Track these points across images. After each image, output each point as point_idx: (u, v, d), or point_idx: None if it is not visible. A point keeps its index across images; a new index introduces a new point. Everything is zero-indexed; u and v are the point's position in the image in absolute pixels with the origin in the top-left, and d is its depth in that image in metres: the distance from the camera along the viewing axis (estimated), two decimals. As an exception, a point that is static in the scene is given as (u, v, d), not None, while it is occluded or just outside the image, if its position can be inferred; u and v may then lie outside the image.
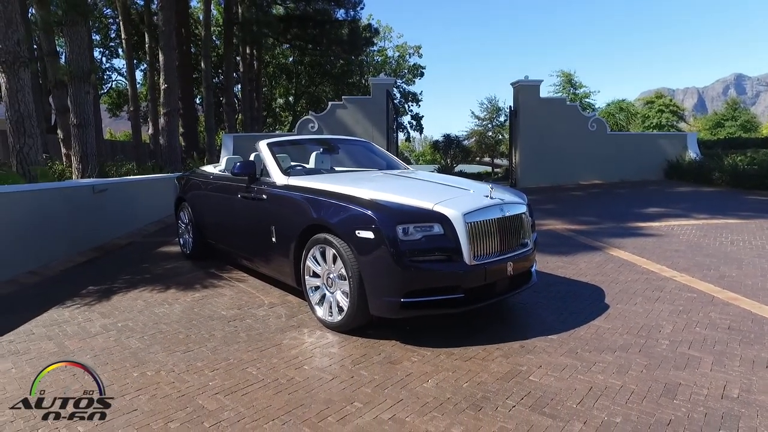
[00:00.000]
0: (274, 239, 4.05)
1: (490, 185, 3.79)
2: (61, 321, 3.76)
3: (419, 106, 38.43)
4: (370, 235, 3.16)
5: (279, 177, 4.26)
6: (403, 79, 37.78)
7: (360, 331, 3.41)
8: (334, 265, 3.43)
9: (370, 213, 3.22)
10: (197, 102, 24.79)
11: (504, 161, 29.05)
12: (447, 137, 23.88)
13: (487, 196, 3.53)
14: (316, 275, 3.63)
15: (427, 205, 3.31)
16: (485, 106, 33.40)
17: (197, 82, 23.13)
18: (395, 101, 26.33)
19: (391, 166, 5.20)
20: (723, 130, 41.30)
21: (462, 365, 2.91)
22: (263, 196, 4.23)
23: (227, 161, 5.43)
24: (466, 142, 29.33)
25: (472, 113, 34.97)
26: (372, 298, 3.21)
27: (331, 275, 3.48)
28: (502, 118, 32.57)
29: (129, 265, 5.68)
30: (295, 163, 5.11)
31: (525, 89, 15.61)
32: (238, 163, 4.41)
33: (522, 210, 3.70)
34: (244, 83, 25.48)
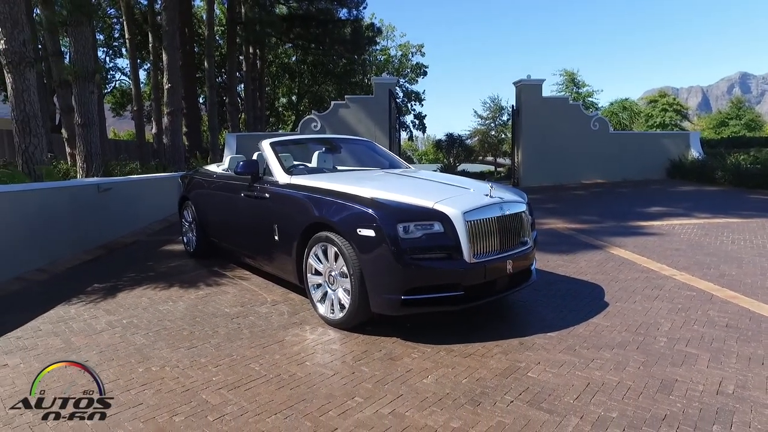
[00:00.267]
0: (276, 237, 4.10)
1: (490, 184, 3.84)
2: (67, 318, 3.83)
3: (422, 105, 38.43)
4: (371, 233, 3.21)
5: (282, 176, 4.30)
6: (406, 78, 37.76)
7: (361, 328, 3.46)
8: (336, 263, 3.48)
9: (372, 211, 3.27)
10: (200, 101, 24.87)
11: (507, 160, 29.03)
12: (450, 136, 23.93)
13: (487, 195, 3.57)
14: (318, 273, 3.68)
15: (428, 203, 3.36)
16: (488, 105, 33.44)
17: (200, 82, 23.22)
18: (398, 100, 26.36)
19: (393, 165, 5.25)
20: (727, 129, 41.09)
21: (461, 361, 2.95)
22: (266, 195, 4.28)
23: (230, 160, 5.48)
24: (469, 142, 29.37)
25: (475, 112, 35.05)
26: (373, 295, 3.26)
27: (333, 273, 3.53)
28: (504, 117, 32.58)
29: (134, 263, 5.74)
30: (298, 162, 5.16)
31: (527, 88, 15.62)
32: (241, 163, 4.46)
33: (522, 209, 3.73)
34: (247, 83, 25.54)
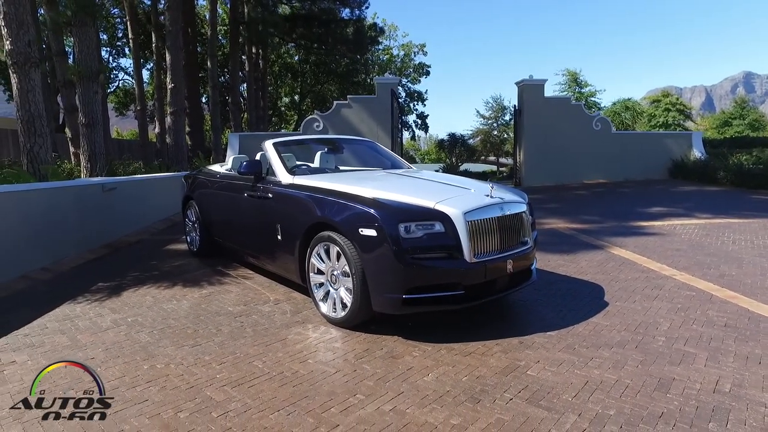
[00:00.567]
0: (279, 237, 4.14)
1: (491, 184, 3.87)
2: (73, 316, 3.88)
3: (424, 105, 38.46)
4: (372, 233, 3.25)
5: (284, 176, 4.35)
6: (409, 78, 37.77)
7: (363, 326, 3.50)
8: (338, 263, 3.52)
9: (373, 211, 3.31)
10: (203, 101, 24.95)
11: (509, 160, 29.02)
12: (452, 136, 23.94)
13: (487, 196, 3.61)
14: (320, 272, 3.72)
15: (429, 203, 3.39)
16: (490, 105, 33.37)
17: (203, 81, 23.31)
18: (400, 100, 26.38)
19: (395, 165, 5.28)
20: (731, 129, 40.91)
21: (462, 360, 2.99)
22: (269, 195, 4.33)
23: (234, 160, 5.52)
24: (471, 141, 29.34)
25: (477, 112, 35.05)
26: (375, 294, 3.30)
27: (335, 272, 3.57)
28: (507, 117, 32.52)
29: (138, 262, 5.79)
30: (301, 162, 5.20)
31: (529, 88, 15.62)
32: (244, 163, 4.50)
33: (522, 209, 3.77)
34: (249, 82, 25.60)
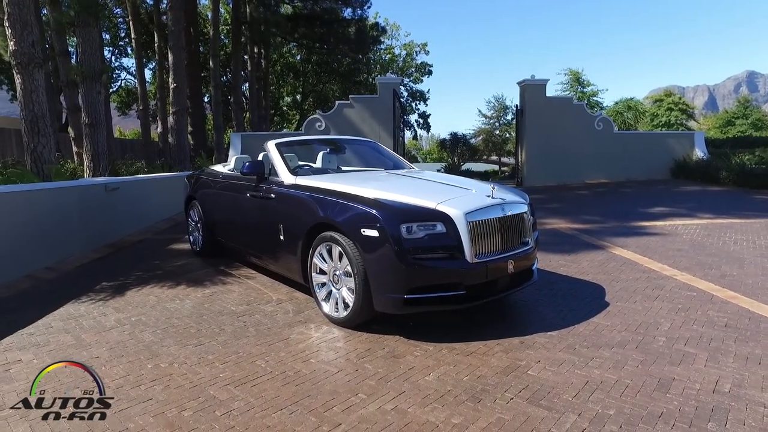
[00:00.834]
0: (282, 237, 4.17)
1: (492, 185, 3.89)
2: (77, 315, 3.91)
3: (426, 104, 38.44)
4: (374, 233, 3.27)
5: (287, 176, 4.37)
6: (411, 77, 37.76)
7: (365, 326, 3.52)
8: (340, 263, 3.54)
9: (375, 212, 3.33)
10: (205, 100, 24.99)
11: (511, 160, 29.00)
12: (454, 136, 23.91)
13: (488, 196, 3.62)
14: (322, 272, 3.74)
15: (430, 204, 3.42)
16: (492, 105, 33.32)
17: (205, 81, 23.32)
18: (402, 100, 26.37)
19: (397, 165, 5.30)
20: (733, 129, 40.81)
21: (463, 359, 3.01)
22: (271, 195, 4.35)
23: (236, 161, 5.55)
24: (473, 141, 29.29)
25: (479, 112, 34.95)
26: (376, 294, 3.32)
27: (337, 272, 3.59)
28: (509, 117, 32.48)
29: (141, 262, 5.82)
30: (303, 162, 5.23)
31: (531, 88, 15.62)
32: (247, 163, 4.53)
33: (523, 209, 3.79)
34: (251, 82, 25.63)
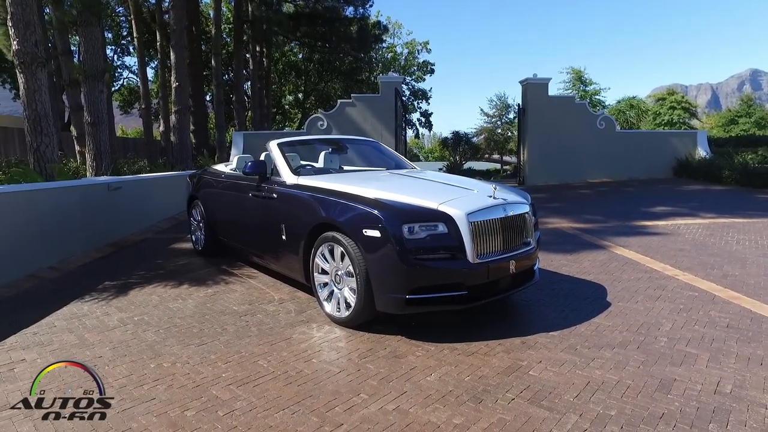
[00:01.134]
0: (284, 237, 4.18)
1: (494, 185, 3.89)
2: (80, 315, 3.93)
3: (429, 103, 38.39)
4: (376, 233, 3.28)
5: (289, 176, 4.38)
6: (413, 76, 37.72)
7: (367, 326, 3.53)
8: (342, 263, 3.55)
9: (377, 212, 3.34)
10: (207, 99, 25.00)
11: (513, 159, 28.97)
12: (456, 134, 23.87)
13: (490, 196, 3.63)
14: (324, 272, 3.75)
15: (432, 204, 3.42)
16: (494, 103, 33.26)
17: (208, 80, 23.33)
18: (404, 99, 26.35)
19: (399, 165, 5.31)
20: (737, 127, 40.67)
21: (464, 360, 3.02)
22: (273, 195, 4.36)
23: (238, 160, 5.56)
24: (475, 139, 29.24)
25: (481, 110, 34.89)
26: (378, 294, 3.33)
27: (339, 272, 3.60)
28: (511, 116, 32.43)
29: (143, 261, 5.84)
30: (305, 162, 5.24)
31: (533, 87, 15.60)
32: (249, 163, 4.54)
33: (525, 209, 3.79)
34: (253, 80, 25.64)
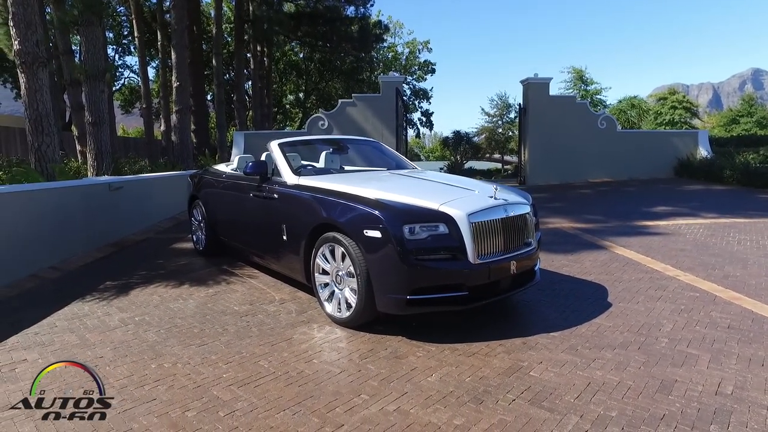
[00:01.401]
0: (284, 237, 4.18)
1: (495, 186, 3.89)
2: (81, 315, 3.93)
3: (430, 102, 38.39)
4: (377, 234, 3.28)
5: (290, 177, 4.38)
6: (414, 76, 37.70)
7: (367, 326, 3.53)
8: (343, 263, 3.55)
9: (378, 213, 3.34)
10: (208, 99, 25.01)
11: (514, 158, 28.95)
12: (457, 134, 23.86)
13: (491, 197, 3.62)
14: (325, 272, 3.76)
15: (433, 205, 3.42)
16: (495, 103, 33.25)
17: (208, 79, 23.35)
18: (405, 98, 26.34)
19: (400, 165, 5.31)
20: (738, 127, 40.55)
21: (465, 360, 3.02)
22: (274, 196, 4.36)
23: (239, 160, 5.56)
24: (476, 139, 29.24)
25: (482, 110, 34.90)
26: (379, 295, 3.33)
27: (340, 273, 3.60)
28: (512, 115, 32.42)
29: (144, 261, 5.85)
30: (306, 162, 5.24)
31: (534, 87, 15.58)
32: (250, 163, 4.54)
33: (526, 210, 3.79)
34: (254, 80, 25.63)
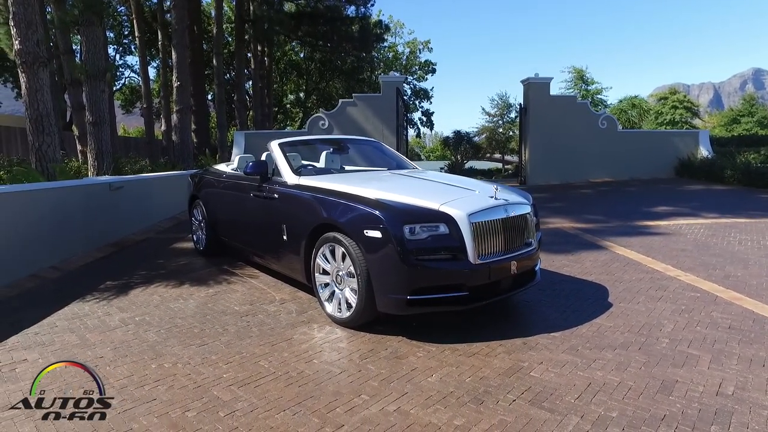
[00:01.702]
0: (285, 237, 4.18)
1: (496, 186, 3.88)
2: (81, 315, 3.93)
3: (430, 102, 38.37)
4: (377, 234, 3.27)
5: (290, 177, 4.38)
6: (415, 75, 37.68)
7: (368, 326, 3.53)
8: (343, 263, 3.55)
9: (378, 213, 3.33)
10: (209, 98, 25.01)
11: (514, 158, 28.94)
12: (457, 134, 23.86)
13: (492, 197, 3.62)
14: (325, 273, 3.75)
15: (433, 205, 3.42)
16: (496, 103, 33.24)
17: (209, 79, 23.34)
18: (406, 98, 26.33)
19: (400, 165, 5.30)
20: (739, 127, 40.49)
21: (465, 360, 3.02)
22: (275, 195, 4.36)
23: (240, 160, 5.56)
24: (477, 139, 29.26)
25: (483, 110, 34.89)
26: (379, 295, 3.33)
27: (340, 273, 3.60)
28: (512, 115, 32.41)
29: (145, 261, 5.85)
30: (306, 162, 5.24)
31: (535, 87, 15.57)
32: (250, 163, 4.54)
33: (526, 210, 3.78)
34: (255, 80, 25.63)
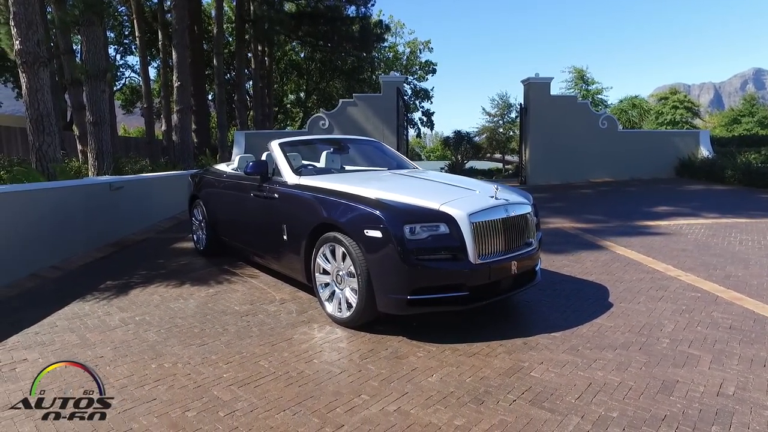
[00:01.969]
0: (285, 237, 4.18)
1: (496, 186, 3.88)
2: (82, 314, 3.93)
3: (431, 102, 38.36)
4: (378, 234, 3.27)
5: (290, 176, 4.37)
6: (415, 75, 37.68)
7: (368, 326, 3.53)
8: (344, 263, 3.55)
9: (378, 213, 3.33)
10: (209, 98, 25.01)
11: (515, 158, 28.92)
12: (458, 134, 23.87)
13: (492, 197, 3.62)
14: (326, 272, 3.75)
15: (434, 205, 3.41)
16: (496, 103, 33.22)
17: (209, 79, 23.35)
18: (406, 98, 26.33)
19: (401, 165, 5.30)
20: (740, 127, 40.46)
21: (466, 360, 3.01)
22: (275, 195, 4.36)
23: (240, 160, 5.56)
24: (477, 139, 29.24)
25: (483, 110, 34.87)
26: (380, 295, 3.32)
27: (341, 273, 3.60)
28: (513, 115, 32.39)
29: (145, 261, 5.85)
30: (307, 162, 5.23)
31: (535, 87, 15.56)
32: (250, 163, 4.54)
33: (527, 210, 3.78)
34: (255, 80, 25.62)
